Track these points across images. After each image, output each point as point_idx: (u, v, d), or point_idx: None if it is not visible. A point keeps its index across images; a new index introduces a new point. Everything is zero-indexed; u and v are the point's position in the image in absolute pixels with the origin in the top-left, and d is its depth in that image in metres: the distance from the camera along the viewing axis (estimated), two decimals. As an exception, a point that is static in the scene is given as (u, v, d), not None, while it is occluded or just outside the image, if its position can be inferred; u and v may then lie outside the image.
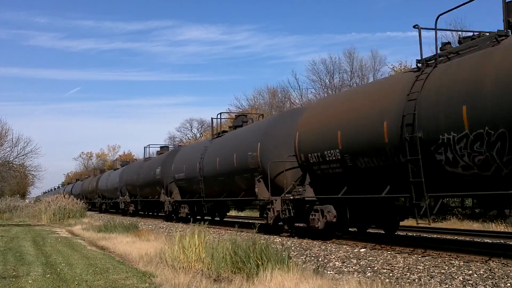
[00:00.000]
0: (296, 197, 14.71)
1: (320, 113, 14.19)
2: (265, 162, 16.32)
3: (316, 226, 13.67)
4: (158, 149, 36.22)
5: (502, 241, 13.10)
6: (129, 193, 36.50)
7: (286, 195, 15.28)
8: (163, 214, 29.25)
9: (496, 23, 70.42)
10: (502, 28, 9.78)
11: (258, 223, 15.18)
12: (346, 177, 12.86)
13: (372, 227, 14.83)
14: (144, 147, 37.17)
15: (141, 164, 34.47)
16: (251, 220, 26.66)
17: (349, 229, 14.75)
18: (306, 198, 14.27)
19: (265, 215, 16.58)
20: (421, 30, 10.57)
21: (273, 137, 16.64)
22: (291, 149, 15.23)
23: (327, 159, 13.08)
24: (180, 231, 13.34)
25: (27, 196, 77.44)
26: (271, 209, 15.94)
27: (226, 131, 22.77)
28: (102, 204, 46.56)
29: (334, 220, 13.19)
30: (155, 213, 36.09)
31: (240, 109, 51.76)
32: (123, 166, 43.15)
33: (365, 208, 13.49)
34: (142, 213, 37.08)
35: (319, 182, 14.07)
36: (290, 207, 15.01)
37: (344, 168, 12.64)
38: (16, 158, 37.02)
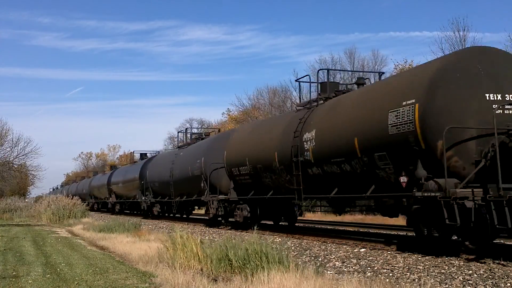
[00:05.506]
0: None
1: None
2: (432, 131, 9.78)
3: None
4: (195, 134, 29.09)
5: (502, 241, 13.09)
6: (153, 191, 31.45)
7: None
8: (206, 218, 24.11)
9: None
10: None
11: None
12: None
13: None
14: (178, 132, 30.90)
15: (175, 154, 28.25)
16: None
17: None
18: None
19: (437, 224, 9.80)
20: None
21: (446, 92, 9.92)
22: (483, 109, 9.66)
23: None
24: (180, 230, 13.31)
25: (27, 196, 77.50)
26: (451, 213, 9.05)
27: (320, 100, 15.19)
28: (116, 205, 42.04)
29: None
30: (184, 216, 31.85)
31: (241, 109, 51.68)
32: (142, 160, 37.82)
33: None
34: (167, 215, 32.53)
35: None
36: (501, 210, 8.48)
37: None
38: (16, 158, 37.04)
